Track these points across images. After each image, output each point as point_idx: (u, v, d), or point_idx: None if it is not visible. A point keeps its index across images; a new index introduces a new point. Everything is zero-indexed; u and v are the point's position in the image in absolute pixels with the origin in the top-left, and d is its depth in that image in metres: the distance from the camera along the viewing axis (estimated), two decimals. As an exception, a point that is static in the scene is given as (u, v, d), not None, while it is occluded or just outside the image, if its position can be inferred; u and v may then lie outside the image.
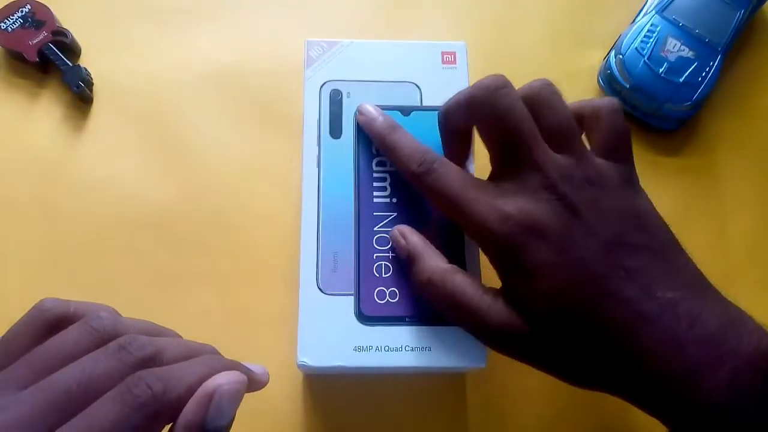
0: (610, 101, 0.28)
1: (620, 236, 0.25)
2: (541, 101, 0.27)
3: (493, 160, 0.28)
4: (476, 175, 0.30)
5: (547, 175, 0.26)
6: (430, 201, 0.29)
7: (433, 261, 0.28)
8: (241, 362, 0.23)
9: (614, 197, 0.26)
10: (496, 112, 0.26)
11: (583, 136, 0.29)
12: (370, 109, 0.31)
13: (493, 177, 0.28)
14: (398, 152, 0.29)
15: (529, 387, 0.35)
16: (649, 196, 0.28)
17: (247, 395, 0.34)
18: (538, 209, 0.25)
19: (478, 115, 0.28)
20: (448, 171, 0.27)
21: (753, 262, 0.39)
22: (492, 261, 0.27)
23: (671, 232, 0.27)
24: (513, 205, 0.25)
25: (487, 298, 0.26)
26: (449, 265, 0.28)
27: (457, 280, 0.27)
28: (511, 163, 0.27)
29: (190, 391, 0.19)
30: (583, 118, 0.29)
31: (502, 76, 0.27)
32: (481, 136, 0.28)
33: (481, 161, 0.31)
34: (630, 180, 0.27)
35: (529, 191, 0.26)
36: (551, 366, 0.26)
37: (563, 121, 0.27)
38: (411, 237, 0.29)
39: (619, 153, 0.28)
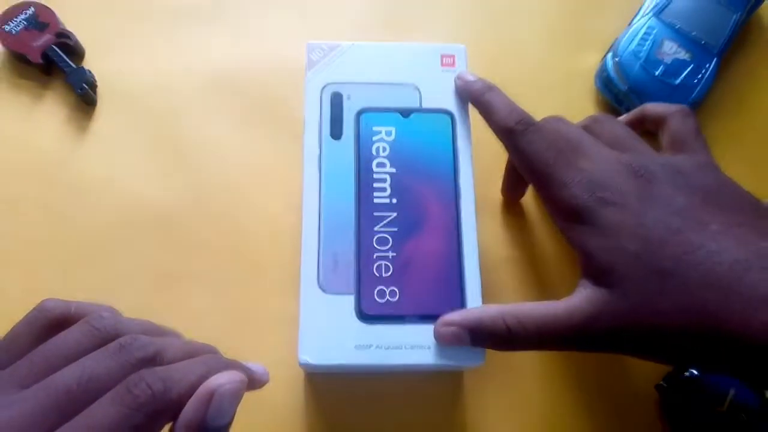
0: (680, 106, 0.30)
1: (703, 198, 0.26)
2: (590, 125, 0.30)
3: None
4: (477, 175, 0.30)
5: (621, 157, 0.28)
6: (515, 159, 0.30)
7: (499, 326, 0.27)
8: (241, 362, 0.23)
9: (690, 173, 0.27)
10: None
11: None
12: (467, 74, 0.33)
13: None
14: (495, 108, 0.31)
15: (529, 387, 0.35)
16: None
17: (248, 394, 0.34)
18: (616, 179, 0.27)
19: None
20: (544, 135, 0.29)
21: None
22: (569, 231, 0.27)
23: (755, 197, 0.27)
24: (594, 174, 0.27)
25: (561, 304, 0.26)
26: (508, 305, 0.27)
27: (527, 309, 0.26)
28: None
29: (191, 391, 0.20)
30: (646, 119, 0.32)
31: (520, 113, 0.30)
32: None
33: (482, 162, 0.31)
34: (707, 163, 0.28)
35: (607, 164, 0.27)
36: (648, 347, 0.25)
37: (619, 129, 0.30)
38: (468, 315, 0.28)
39: (694, 146, 0.29)
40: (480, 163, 0.33)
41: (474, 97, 0.32)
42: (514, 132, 0.29)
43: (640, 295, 0.24)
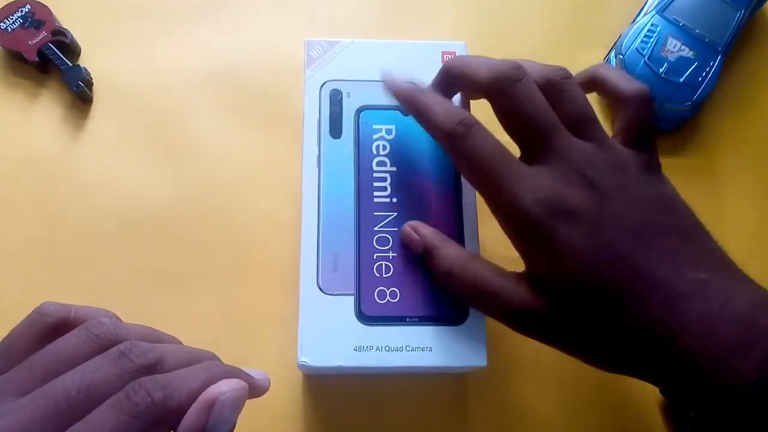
0: (640, 89, 0.28)
1: (649, 219, 0.25)
2: (560, 90, 0.27)
3: (517, 143, 0.28)
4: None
5: (574, 161, 0.26)
6: (458, 165, 0.28)
7: (451, 250, 0.28)
8: (242, 368, 0.23)
9: (640, 182, 0.27)
10: (514, 103, 0.27)
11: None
12: (395, 77, 0.31)
13: (522, 159, 0.28)
14: (431, 109, 0.28)
15: (529, 387, 0.35)
16: None
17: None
18: (569, 192, 0.25)
19: (494, 100, 0.28)
20: (487, 139, 0.27)
21: (753, 262, 0.39)
22: (517, 241, 0.27)
23: (695, 215, 0.27)
24: (546, 186, 0.26)
25: (511, 280, 0.26)
26: (467, 252, 0.28)
27: (478, 265, 0.27)
28: (535, 149, 0.27)
29: (191, 399, 0.19)
30: (600, 87, 0.30)
31: (518, 65, 0.27)
32: (500, 120, 0.28)
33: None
34: (653, 167, 0.28)
35: (560, 174, 0.26)
36: (576, 347, 0.26)
37: (583, 109, 0.28)
38: (424, 230, 0.29)
39: (642, 141, 0.28)
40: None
41: (405, 101, 0.29)
42: (454, 136, 0.27)
43: (578, 310, 0.25)
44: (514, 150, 0.28)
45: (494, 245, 0.37)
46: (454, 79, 0.30)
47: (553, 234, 0.25)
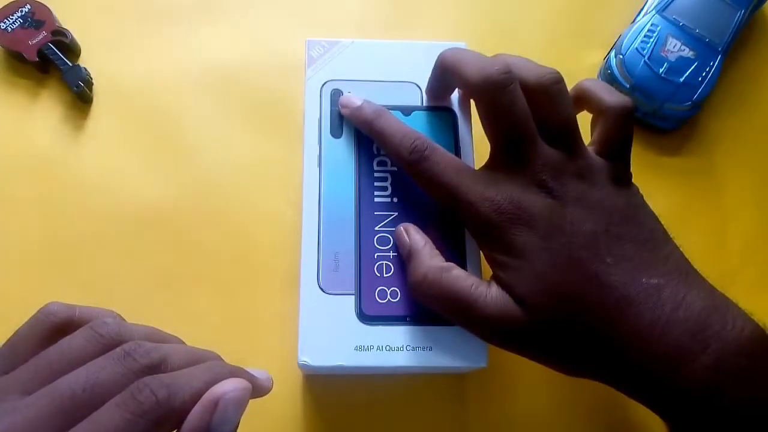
0: (622, 102, 0.28)
1: (606, 227, 0.26)
2: (548, 97, 0.27)
3: (491, 145, 0.28)
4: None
5: (538, 171, 0.27)
6: (421, 187, 0.29)
7: (429, 260, 0.28)
8: (245, 368, 0.23)
9: (603, 192, 0.27)
10: (496, 111, 0.27)
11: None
12: (352, 98, 0.32)
13: (488, 164, 0.28)
14: (388, 139, 0.29)
15: (529, 387, 0.35)
16: (648, 195, 0.28)
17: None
18: (526, 200, 0.26)
19: (478, 102, 0.28)
20: (440, 158, 0.28)
21: (752, 262, 0.39)
22: (481, 245, 0.28)
23: (660, 223, 0.27)
24: (503, 194, 0.26)
25: (482, 288, 0.26)
26: (446, 263, 0.28)
27: (452, 275, 0.27)
28: (506, 155, 0.27)
29: (195, 398, 0.19)
30: (585, 101, 0.30)
31: (508, 69, 0.27)
32: (481, 118, 0.28)
33: (484, 160, 0.31)
34: (622, 178, 0.28)
35: (520, 183, 0.27)
36: (546, 355, 0.27)
37: (566, 121, 0.28)
38: (414, 235, 0.29)
39: (618, 153, 0.28)
40: (482, 161, 0.32)
41: (364, 126, 0.31)
42: (409, 163, 0.28)
43: (540, 313, 0.25)
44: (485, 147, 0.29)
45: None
46: (446, 73, 0.30)
47: (510, 237, 0.26)
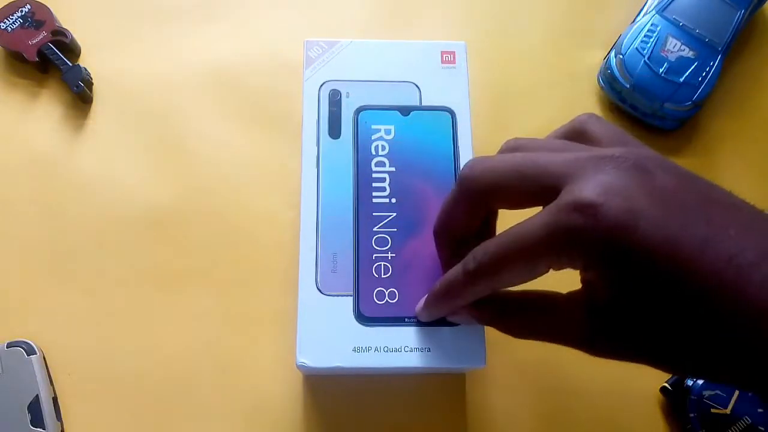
0: (582, 115, 0.26)
1: (708, 191, 0.22)
2: (520, 146, 0.25)
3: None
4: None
5: (589, 155, 0.22)
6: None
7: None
8: None
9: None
10: (491, 183, 0.24)
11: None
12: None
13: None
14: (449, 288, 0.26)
15: (529, 387, 0.35)
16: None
17: (246, 395, 0.34)
18: (612, 180, 0.21)
19: (477, 199, 0.25)
20: (488, 248, 0.23)
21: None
22: (593, 270, 0.22)
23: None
24: (590, 191, 0.20)
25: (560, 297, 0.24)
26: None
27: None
28: (543, 193, 0.23)
29: None
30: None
31: (470, 161, 0.25)
32: (507, 206, 0.25)
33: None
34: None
35: (590, 175, 0.21)
36: (649, 347, 0.22)
37: (546, 142, 0.25)
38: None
39: (629, 142, 0.25)
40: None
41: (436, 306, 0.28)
42: (470, 273, 0.24)
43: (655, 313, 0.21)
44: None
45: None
46: (455, 229, 0.27)
47: (632, 234, 0.21)
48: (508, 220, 0.24)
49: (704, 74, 0.40)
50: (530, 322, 0.25)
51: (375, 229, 0.30)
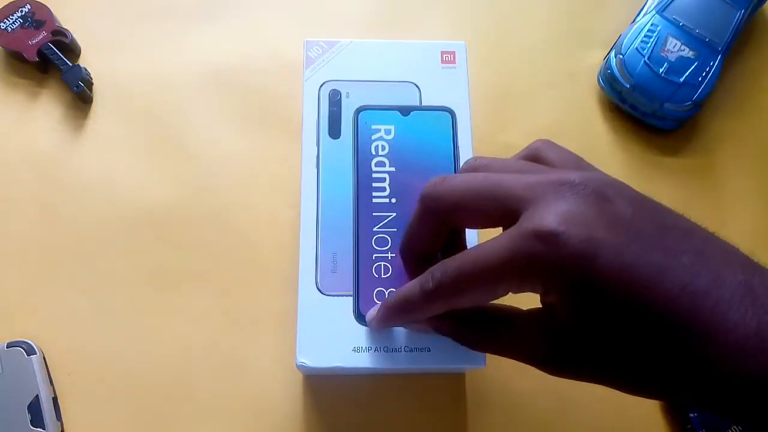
0: (536, 142, 0.26)
1: (662, 218, 0.22)
2: (481, 165, 0.25)
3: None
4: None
5: (551, 178, 0.22)
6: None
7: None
8: None
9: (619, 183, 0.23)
10: (453, 202, 0.24)
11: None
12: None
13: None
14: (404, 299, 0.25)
15: (529, 387, 0.35)
16: (648, 195, 0.27)
17: (246, 395, 0.34)
18: (572, 208, 0.21)
19: (440, 218, 0.25)
20: (447, 268, 0.24)
21: (753, 262, 0.39)
22: (552, 295, 0.22)
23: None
24: (550, 220, 0.21)
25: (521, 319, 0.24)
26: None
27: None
28: (504, 214, 0.23)
29: None
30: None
31: (433, 180, 0.25)
32: (468, 226, 0.26)
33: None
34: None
35: (550, 201, 0.21)
36: (609, 370, 0.22)
37: (508, 163, 0.25)
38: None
39: (584, 166, 0.25)
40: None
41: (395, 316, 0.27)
42: (427, 293, 0.24)
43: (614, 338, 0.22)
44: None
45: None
46: (418, 248, 0.27)
47: (592, 262, 0.21)
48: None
49: (704, 74, 0.40)
50: (489, 336, 0.25)
51: (375, 229, 0.30)
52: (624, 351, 0.21)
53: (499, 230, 0.23)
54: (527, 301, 0.23)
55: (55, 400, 0.33)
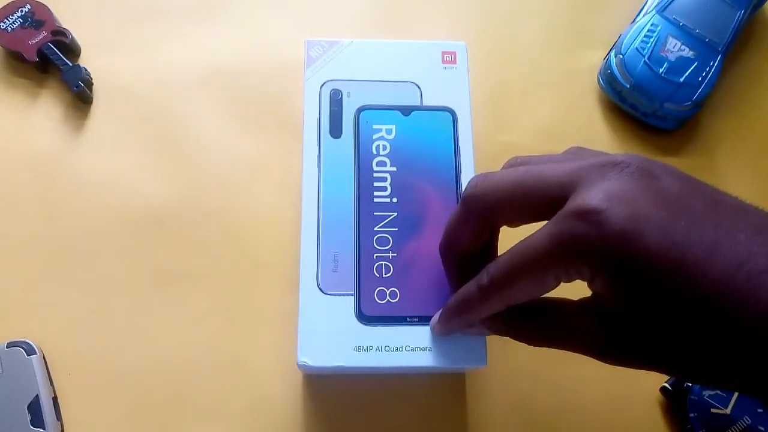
0: (571, 148, 0.26)
1: (714, 195, 0.21)
2: (522, 162, 0.26)
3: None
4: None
5: (592, 162, 0.22)
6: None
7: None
8: None
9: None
10: (496, 199, 0.24)
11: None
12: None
13: None
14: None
15: (529, 387, 0.35)
16: None
17: (246, 395, 0.34)
18: (616, 186, 0.20)
19: (484, 217, 0.25)
20: (499, 262, 0.23)
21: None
22: (599, 280, 0.21)
23: None
24: (593, 197, 0.20)
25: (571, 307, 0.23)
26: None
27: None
28: (549, 204, 0.22)
29: None
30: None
31: (473, 179, 0.25)
32: (514, 222, 0.25)
33: (484, 160, 0.31)
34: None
35: (594, 182, 0.21)
36: (665, 356, 0.21)
37: (548, 156, 0.25)
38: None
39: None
40: (482, 161, 0.32)
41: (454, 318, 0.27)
42: (485, 289, 0.24)
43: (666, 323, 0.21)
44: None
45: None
46: (460, 246, 0.27)
47: (637, 240, 0.21)
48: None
49: (704, 74, 0.40)
50: (541, 330, 0.24)
51: (376, 228, 0.30)
52: (674, 334, 0.20)
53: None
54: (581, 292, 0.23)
55: (55, 400, 0.33)
